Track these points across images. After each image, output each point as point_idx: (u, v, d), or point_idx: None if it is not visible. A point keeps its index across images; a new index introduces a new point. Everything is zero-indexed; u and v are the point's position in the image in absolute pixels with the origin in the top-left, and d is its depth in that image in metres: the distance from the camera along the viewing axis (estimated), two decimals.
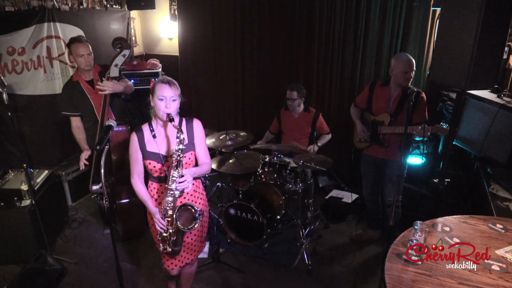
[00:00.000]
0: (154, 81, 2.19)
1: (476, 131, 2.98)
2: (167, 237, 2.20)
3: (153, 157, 2.20)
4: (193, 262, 2.58)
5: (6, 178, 3.43)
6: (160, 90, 2.09)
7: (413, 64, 2.91)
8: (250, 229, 3.37)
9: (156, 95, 2.11)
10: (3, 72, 3.67)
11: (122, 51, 3.10)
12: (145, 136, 2.20)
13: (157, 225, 2.19)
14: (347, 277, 3.15)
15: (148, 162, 2.20)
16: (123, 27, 4.91)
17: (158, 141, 2.20)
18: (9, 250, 3.25)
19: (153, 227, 2.33)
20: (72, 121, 3.30)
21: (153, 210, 2.20)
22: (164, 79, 2.14)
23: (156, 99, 2.11)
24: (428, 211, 3.33)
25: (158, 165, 2.20)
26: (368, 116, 3.25)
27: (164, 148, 2.22)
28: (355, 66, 4.21)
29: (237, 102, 5.05)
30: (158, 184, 2.28)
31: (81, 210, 4.22)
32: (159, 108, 2.11)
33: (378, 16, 3.95)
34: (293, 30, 4.40)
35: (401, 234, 2.03)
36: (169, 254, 2.28)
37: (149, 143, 2.20)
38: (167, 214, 2.16)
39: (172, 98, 2.11)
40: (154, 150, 2.20)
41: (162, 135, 2.23)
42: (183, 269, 2.60)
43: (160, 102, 2.10)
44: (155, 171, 2.23)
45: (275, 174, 3.57)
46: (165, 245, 2.23)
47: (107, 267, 3.29)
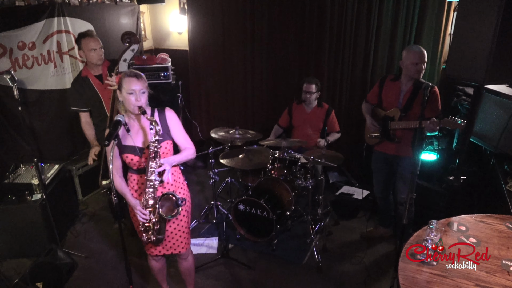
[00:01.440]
0: (119, 75, 2.15)
1: (493, 127, 2.89)
2: (149, 226, 2.24)
3: (129, 150, 2.21)
4: (186, 255, 2.58)
5: (17, 173, 3.45)
6: (128, 84, 2.09)
7: (425, 56, 2.84)
8: (260, 225, 3.34)
9: (125, 89, 2.10)
10: (14, 67, 3.69)
11: (131, 46, 3.07)
12: (120, 131, 2.19)
13: (139, 216, 2.21)
14: (357, 275, 3.10)
15: (126, 155, 2.22)
16: (132, 21, 4.90)
17: (132, 134, 2.21)
18: (20, 244, 3.28)
19: (135, 218, 2.36)
20: (82, 117, 3.30)
21: (133, 202, 2.23)
22: (131, 73, 2.14)
23: (125, 93, 2.11)
24: (442, 209, 3.26)
25: (135, 157, 2.22)
26: (379, 112, 3.18)
27: (139, 140, 2.24)
28: (367, 60, 4.12)
29: (247, 97, 5.01)
30: (137, 175, 2.31)
31: (91, 205, 4.24)
32: (129, 102, 2.11)
33: (391, 8, 3.86)
34: (303, 24, 4.33)
35: (414, 233, 1.98)
36: (153, 243, 2.30)
37: (124, 137, 2.22)
38: (148, 205, 2.19)
39: (141, 91, 2.12)
40: (130, 144, 2.21)
41: (135, 128, 2.25)
42: (179, 265, 2.65)
43: (130, 96, 2.10)
44: (134, 164, 2.25)
45: (285, 170, 3.54)
46: (148, 234, 2.25)
47: (117, 262, 3.31)
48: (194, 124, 5.24)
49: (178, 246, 2.45)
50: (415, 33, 3.84)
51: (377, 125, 3.15)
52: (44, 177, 3.42)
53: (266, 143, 3.69)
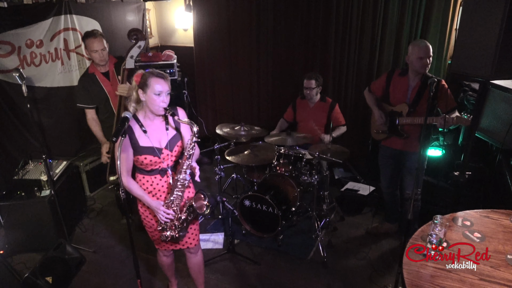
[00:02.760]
0: (138, 74, 2.12)
1: (499, 123, 2.87)
2: (172, 225, 2.24)
3: (148, 151, 2.17)
4: (196, 251, 2.56)
5: (26, 169, 3.50)
6: (156, 85, 2.06)
7: (429, 50, 2.82)
8: (265, 221, 3.36)
9: (152, 89, 2.06)
10: (22, 65, 3.74)
11: (138, 43, 3.09)
12: (135, 132, 2.16)
13: (163, 216, 2.19)
14: (362, 270, 3.12)
15: (144, 157, 2.17)
16: (138, 18, 4.92)
17: (149, 135, 2.18)
18: (29, 239, 3.34)
19: (148, 219, 2.37)
20: (87, 113, 3.33)
21: (154, 203, 2.20)
22: (158, 73, 2.10)
23: (151, 93, 2.07)
24: (447, 204, 3.25)
25: (154, 158, 2.19)
26: (385, 107, 3.17)
27: (156, 141, 2.20)
28: (373, 55, 4.11)
29: (252, 93, 5.02)
30: (151, 176, 2.26)
31: (99, 200, 4.29)
32: (154, 102, 2.08)
33: (398, 2, 3.83)
34: (309, 18, 4.32)
35: (419, 228, 1.99)
36: (173, 240, 2.30)
37: (140, 138, 2.16)
38: (174, 204, 2.20)
39: (167, 92, 2.11)
40: (148, 145, 2.17)
41: (151, 128, 2.21)
42: (188, 261, 2.62)
43: (157, 97, 2.07)
44: (150, 165, 2.21)
45: (290, 166, 3.55)
46: (167, 233, 2.25)
47: (124, 256, 3.35)
48: (200, 120, 5.27)
49: (193, 239, 2.45)
50: (421, 28, 3.82)
51: (385, 118, 3.14)
52: (52, 173, 3.47)
53: (271, 139, 3.71)
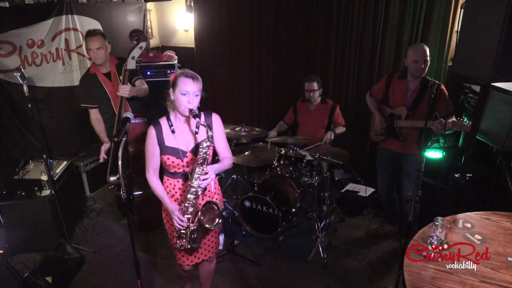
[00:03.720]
0: (174, 73, 2.10)
1: (500, 125, 2.88)
2: (186, 234, 2.15)
3: (172, 152, 2.13)
4: (212, 259, 2.53)
5: (27, 169, 3.50)
6: (183, 85, 2.00)
7: (424, 54, 2.82)
8: (265, 222, 3.36)
9: (179, 89, 2.01)
10: (23, 65, 3.74)
11: (139, 43, 3.10)
12: (164, 131, 2.13)
13: (176, 222, 2.12)
14: (363, 271, 3.12)
15: (167, 157, 2.13)
16: (139, 19, 4.93)
17: (177, 136, 2.13)
18: (30, 239, 3.34)
19: (168, 224, 2.31)
20: (91, 113, 3.34)
21: (171, 207, 2.13)
22: (188, 73, 2.04)
23: (178, 93, 2.02)
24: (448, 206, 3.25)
25: (177, 160, 2.13)
26: (385, 109, 3.18)
27: (183, 143, 2.15)
28: (373, 57, 4.12)
29: (253, 94, 5.03)
30: (174, 179, 2.21)
31: (99, 201, 4.29)
32: (180, 103, 2.03)
33: (398, 4, 3.84)
34: (310, 20, 4.33)
35: (420, 230, 1.99)
36: (186, 251, 2.24)
37: (167, 137, 2.13)
38: (187, 211, 2.11)
39: (195, 93, 2.03)
40: (173, 145, 2.13)
41: (180, 130, 2.16)
42: (201, 267, 2.57)
43: (183, 97, 2.01)
44: (173, 167, 2.16)
45: (291, 167, 3.55)
46: (182, 241, 2.18)
47: (124, 257, 3.35)
48: None
49: (209, 251, 2.39)
50: (422, 30, 3.83)
51: (385, 122, 3.15)
52: (53, 173, 3.47)
53: (271, 140, 3.71)
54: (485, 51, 2.07)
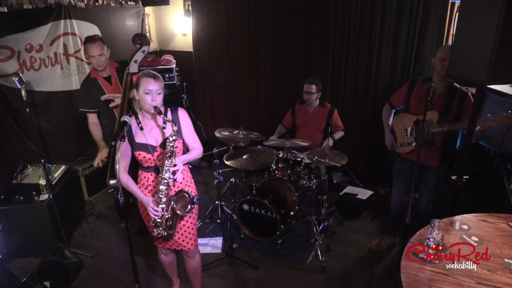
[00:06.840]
0: (136, 75, 2.29)
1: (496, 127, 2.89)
2: (161, 222, 2.30)
3: (142, 148, 2.28)
4: (193, 254, 2.62)
5: (25, 173, 3.50)
6: (146, 84, 2.17)
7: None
8: (264, 225, 3.36)
9: (142, 88, 2.18)
10: (22, 69, 3.74)
11: (142, 47, 3.12)
12: (133, 129, 2.29)
13: (152, 213, 2.27)
14: (361, 274, 3.12)
15: (138, 153, 2.30)
16: (138, 23, 4.95)
17: (145, 133, 2.28)
18: (28, 243, 3.33)
19: (144, 214, 2.45)
20: (89, 118, 3.35)
21: (145, 199, 2.28)
22: (149, 73, 2.21)
23: (142, 92, 2.19)
24: (445, 208, 3.26)
25: (148, 155, 2.29)
26: (409, 117, 2.95)
27: (152, 139, 2.31)
28: (370, 60, 4.13)
29: (251, 98, 5.04)
30: (148, 173, 2.37)
31: (98, 205, 4.29)
32: (145, 101, 2.19)
33: (395, 8, 3.86)
34: (307, 23, 4.35)
35: (417, 232, 1.99)
36: (164, 238, 2.37)
37: (137, 135, 2.29)
38: (161, 202, 2.25)
39: (157, 92, 2.20)
40: (143, 141, 2.28)
41: (149, 126, 2.32)
42: (185, 263, 2.69)
43: (147, 96, 2.17)
44: (145, 161, 2.32)
45: (289, 170, 3.56)
46: (159, 229, 2.31)
47: (123, 261, 3.35)
48: (199, 124, 5.28)
49: (187, 243, 2.51)
50: (419, 34, 3.85)
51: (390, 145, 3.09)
52: (51, 177, 3.47)
53: (270, 143, 3.72)
54: (480, 54, 2.09)
